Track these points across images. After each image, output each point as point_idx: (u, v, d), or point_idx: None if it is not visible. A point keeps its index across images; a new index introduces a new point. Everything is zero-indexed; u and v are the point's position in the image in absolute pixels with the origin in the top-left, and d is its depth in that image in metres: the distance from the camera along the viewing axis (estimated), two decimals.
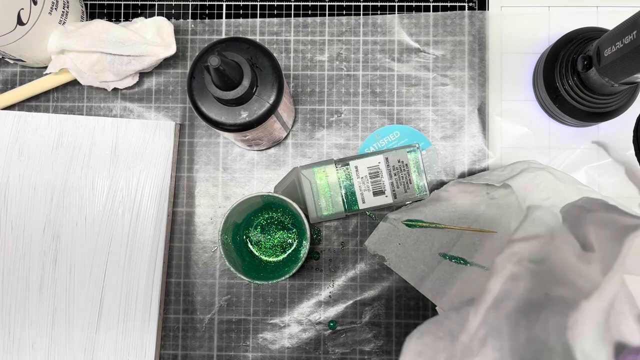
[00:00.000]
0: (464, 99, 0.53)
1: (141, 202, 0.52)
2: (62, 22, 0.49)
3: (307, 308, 0.52)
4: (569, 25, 0.51)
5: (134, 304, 0.51)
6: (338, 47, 0.54)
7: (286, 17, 0.54)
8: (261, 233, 0.52)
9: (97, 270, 0.51)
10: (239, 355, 0.52)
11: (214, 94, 0.41)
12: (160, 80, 0.54)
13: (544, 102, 0.51)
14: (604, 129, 0.52)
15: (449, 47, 0.53)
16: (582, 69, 0.46)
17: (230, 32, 0.54)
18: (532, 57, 0.53)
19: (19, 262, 0.51)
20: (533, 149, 0.53)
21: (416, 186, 0.49)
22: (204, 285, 0.53)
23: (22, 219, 0.52)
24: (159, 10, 0.54)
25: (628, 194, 0.52)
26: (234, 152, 0.53)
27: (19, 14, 0.45)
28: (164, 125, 0.52)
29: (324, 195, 0.49)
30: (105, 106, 0.54)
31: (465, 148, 0.53)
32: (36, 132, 0.52)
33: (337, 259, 0.52)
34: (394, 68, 0.53)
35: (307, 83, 0.54)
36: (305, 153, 0.53)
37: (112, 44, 0.48)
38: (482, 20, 0.53)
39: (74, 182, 0.52)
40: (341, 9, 0.54)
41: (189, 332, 0.52)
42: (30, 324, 0.51)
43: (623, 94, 0.48)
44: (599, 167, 0.52)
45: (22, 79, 0.54)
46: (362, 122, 0.53)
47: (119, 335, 0.51)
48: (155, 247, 0.51)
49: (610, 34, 0.42)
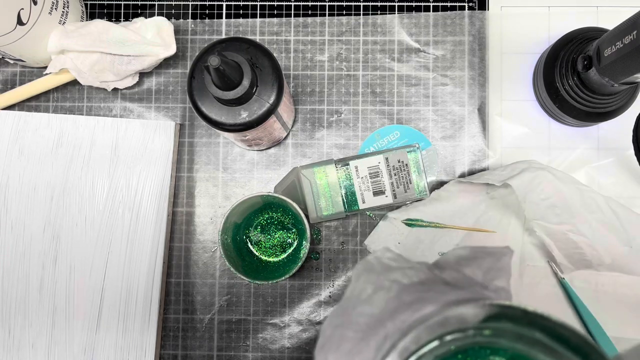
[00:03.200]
0: (464, 99, 0.53)
1: (141, 202, 0.52)
2: (62, 22, 0.49)
3: (307, 308, 0.52)
4: (569, 25, 0.51)
5: (134, 304, 0.51)
6: (338, 47, 0.54)
7: (286, 17, 0.54)
8: (261, 233, 0.52)
9: (97, 270, 0.51)
10: (239, 355, 0.52)
11: (214, 94, 0.41)
12: (160, 80, 0.54)
13: (544, 102, 0.51)
14: (604, 129, 0.52)
15: (449, 47, 0.53)
16: (582, 69, 0.46)
17: (230, 32, 0.54)
18: (532, 57, 0.53)
19: (19, 262, 0.51)
20: (533, 149, 0.53)
21: (416, 186, 0.49)
22: (204, 285, 0.53)
23: (22, 219, 0.52)
24: (159, 10, 0.54)
25: (628, 194, 0.52)
26: (234, 152, 0.53)
27: (19, 14, 0.45)
28: (164, 125, 0.52)
29: (324, 195, 0.49)
30: (105, 106, 0.54)
31: (465, 148, 0.53)
32: (36, 132, 0.52)
33: (337, 259, 0.52)
34: (394, 68, 0.53)
35: (307, 83, 0.54)
36: (305, 153, 0.53)
37: (112, 44, 0.48)
38: (482, 20, 0.53)
39: (74, 182, 0.52)
40: (341, 9, 0.54)
41: (189, 332, 0.52)
42: (30, 324, 0.51)
43: (623, 94, 0.48)
44: (599, 167, 0.52)
45: (22, 79, 0.54)
46: (362, 122, 0.53)
47: (119, 335, 0.51)
48: (155, 247, 0.51)
49: (610, 34, 0.42)
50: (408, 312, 0.27)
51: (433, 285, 0.29)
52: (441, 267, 0.31)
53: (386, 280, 0.30)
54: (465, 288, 0.29)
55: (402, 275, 0.30)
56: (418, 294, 0.28)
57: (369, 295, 0.30)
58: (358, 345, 0.28)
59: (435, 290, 0.29)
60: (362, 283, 0.31)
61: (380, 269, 0.31)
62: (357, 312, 0.29)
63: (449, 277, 0.30)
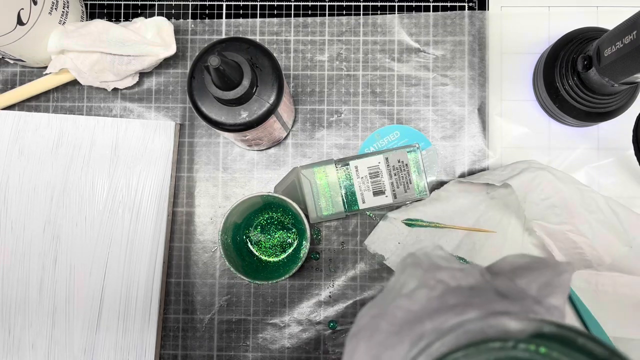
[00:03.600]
0: (464, 99, 0.53)
1: (141, 202, 0.52)
2: (62, 22, 0.49)
3: (307, 308, 0.52)
4: (569, 25, 0.51)
5: (134, 304, 0.51)
6: (338, 47, 0.54)
7: (286, 17, 0.54)
8: (261, 233, 0.52)
9: (97, 270, 0.51)
10: (239, 355, 0.52)
11: (214, 94, 0.41)
12: (160, 80, 0.54)
13: (544, 102, 0.51)
14: (604, 129, 0.52)
15: (449, 47, 0.53)
16: (582, 69, 0.46)
17: (230, 32, 0.54)
18: (532, 57, 0.53)
19: (19, 262, 0.51)
20: (533, 149, 0.53)
21: (416, 186, 0.49)
22: (204, 285, 0.53)
23: (22, 219, 0.52)
24: (159, 10, 0.54)
25: (628, 194, 0.52)
26: (234, 152, 0.53)
27: (19, 14, 0.45)
28: (164, 125, 0.52)
29: (324, 195, 0.49)
30: (105, 106, 0.54)
31: (465, 148, 0.53)
32: (36, 132, 0.52)
33: (337, 259, 0.52)
34: (394, 68, 0.53)
35: (307, 83, 0.54)
36: (305, 153, 0.53)
37: (112, 44, 0.48)
38: (482, 20, 0.53)
39: (74, 182, 0.52)
40: (341, 9, 0.54)
41: (189, 332, 0.52)
42: (30, 324, 0.51)
43: (623, 94, 0.48)
44: (599, 167, 0.52)
45: (22, 79, 0.54)
46: (362, 122, 0.53)
47: (119, 335, 0.51)
48: (155, 247, 0.51)
49: (610, 34, 0.42)
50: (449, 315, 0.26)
51: (481, 292, 0.28)
52: (494, 273, 0.30)
53: (432, 279, 0.29)
54: (516, 300, 0.28)
55: (450, 276, 0.29)
56: (463, 298, 0.27)
57: (411, 290, 0.29)
58: (392, 338, 0.27)
59: (482, 297, 0.27)
60: (406, 277, 0.30)
61: (427, 265, 0.30)
62: (396, 305, 0.28)
63: (500, 285, 0.29)
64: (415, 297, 0.28)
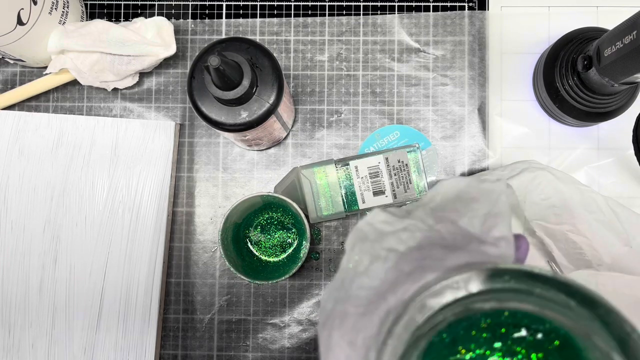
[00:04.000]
0: (464, 99, 0.53)
1: (141, 202, 0.52)
2: (62, 22, 0.49)
3: (307, 308, 0.52)
4: (569, 25, 0.51)
5: (134, 304, 0.51)
6: (338, 47, 0.54)
7: (286, 17, 0.54)
8: (261, 233, 0.52)
9: (97, 270, 0.51)
10: (239, 355, 0.52)
11: (214, 94, 0.41)
12: (160, 80, 0.54)
13: (544, 102, 0.51)
14: (604, 129, 0.52)
15: (449, 47, 0.53)
16: (582, 69, 0.46)
17: (230, 32, 0.54)
18: (532, 57, 0.53)
19: (19, 262, 0.51)
20: (533, 149, 0.53)
21: (416, 186, 0.49)
22: (204, 285, 0.53)
23: (22, 219, 0.52)
24: (159, 10, 0.54)
25: (628, 194, 0.52)
26: (234, 152, 0.53)
27: (19, 14, 0.45)
28: (164, 125, 0.52)
29: (324, 195, 0.49)
30: (105, 106, 0.54)
31: (465, 148, 0.53)
32: (36, 132, 0.52)
33: (337, 259, 0.52)
34: (394, 68, 0.53)
35: (307, 83, 0.54)
36: (305, 153, 0.53)
37: (112, 44, 0.49)
38: (482, 20, 0.53)
39: (74, 182, 0.52)
40: (341, 9, 0.54)
41: (189, 332, 0.52)
42: (30, 324, 0.51)
43: (623, 94, 0.48)
44: (599, 167, 0.52)
45: (22, 79, 0.54)
46: (362, 122, 0.53)
47: (119, 335, 0.51)
48: (155, 247, 0.51)
49: (610, 34, 0.42)
50: (408, 284, 0.26)
51: (430, 250, 0.28)
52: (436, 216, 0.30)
53: (382, 250, 0.29)
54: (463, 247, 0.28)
55: (397, 241, 0.29)
56: (416, 262, 0.27)
57: (365, 267, 0.29)
58: (361, 320, 0.27)
59: (433, 257, 0.28)
60: (358, 254, 0.29)
61: (374, 236, 0.30)
62: (357, 285, 0.28)
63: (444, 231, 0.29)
64: (372, 273, 0.28)
